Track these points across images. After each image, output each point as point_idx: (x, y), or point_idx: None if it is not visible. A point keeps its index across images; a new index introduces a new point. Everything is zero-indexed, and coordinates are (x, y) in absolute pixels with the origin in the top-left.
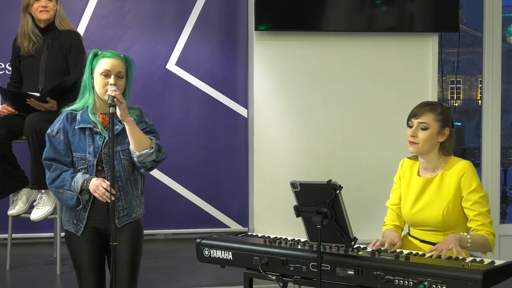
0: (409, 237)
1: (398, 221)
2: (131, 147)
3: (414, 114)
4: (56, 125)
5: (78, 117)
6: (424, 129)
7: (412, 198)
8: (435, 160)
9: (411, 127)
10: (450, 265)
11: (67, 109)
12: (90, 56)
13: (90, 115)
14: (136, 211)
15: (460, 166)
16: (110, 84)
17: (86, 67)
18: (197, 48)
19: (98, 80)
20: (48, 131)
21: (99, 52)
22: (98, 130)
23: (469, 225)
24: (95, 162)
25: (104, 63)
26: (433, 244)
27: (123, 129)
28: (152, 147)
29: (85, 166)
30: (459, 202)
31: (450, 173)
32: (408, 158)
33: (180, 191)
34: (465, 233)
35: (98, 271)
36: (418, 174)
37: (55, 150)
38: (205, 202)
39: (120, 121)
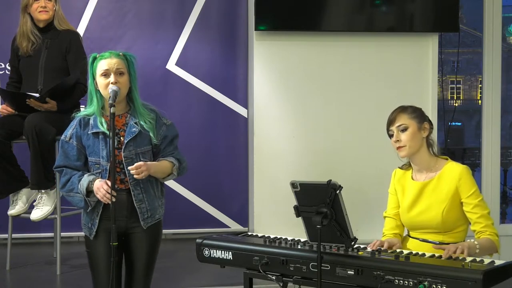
0: (409, 238)
1: (397, 229)
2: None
3: (389, 122)
4: (69, 130)
5: (91, 121)
6: (404, 130)
7: (409, 202)
8: (427, 159)
9: (391, 136)
10: (450, 265)
11: (80, 114)
12: (90, 61)
13: (98, 123)
14: (158, 212)
15: (458, 171)
16: (111, 83)
17: (89, 73)
18: (197, 48)
19: (100, 82)
20: (62, 137)
21: (98, 55)
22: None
23: (472, 228)
24: (108, 167)
25: (102, 64)
26: (433, 242)
27: (140, 131)
28: (174, 174)
29: (100, 170)
30: (457, 204)
31: (447, 176)
32: (399, 167)
33: (180, 191)
34: (473, 240)
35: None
36: (413, 179)
37: (66, 157)
38: (205, 202)
39: (136, 123)
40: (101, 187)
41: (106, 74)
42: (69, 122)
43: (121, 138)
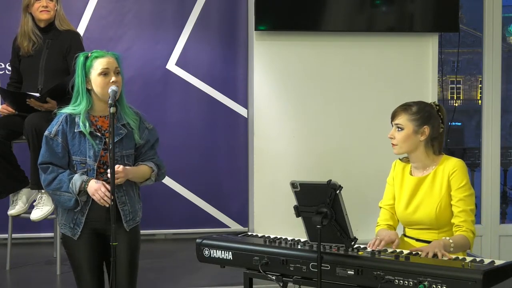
0: (405, 238)
1: (391, 220)
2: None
3: (391, 116)
4: (55, 127)
5: (77, 120)
6: (400, 129)
7: (405, 198)
8: (424, 159)
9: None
10: (450, 265)
11: (65, 111)
12: (81, 60)
13: (80, 123)
14: (138, 214)
15: (451, 164)
16: (111, 82)
17: (78, 71)
18: (197, 48)
19: (97, 81)
20: (46, 133)
21: (89, 54)
22: (99, 134)
23: (452, 220)
24: (95, 166)
25: (100, 63)
26: (429, 242)
27: (127, 134)
28: (152, 180)
29: (85, 170)
30: (450, 199)
31: (441, 171)
32: (400, 159)
33: (180, 191)
34: (448, 238)
35: (97, 273)
36: (411, 174)
37: (52, 153)
38: (205, 202)
39: (123, 125)
40: (99, 189)
41: (106, 73)
42: None
43: (107, 139)
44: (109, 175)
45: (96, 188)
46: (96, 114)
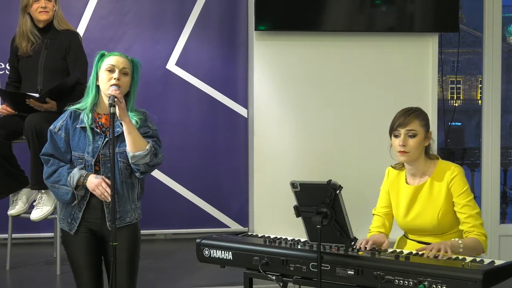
0: (407, 239)
1: (383, 228)
2: (127, 147)
3: (400, 123)
4: (60, 122)
5: (81, 116)
6: (413, 136)
7: (404, 206)
8: (423, 165)
9: (396, 136)
10: (450, 265)
11: (72, 107)
12: (97, 57)
13: (84, 116)
14: (130, 215)
15: (449, 171)
16: (114, 79)
17: (93, 68)
18: (197, 48)
19: (103, 76)
20: (51, 127)
21: (106, 53)
22: (99, 131)
23: (461, 227)
24: (93, 162)
25: (109, 60)
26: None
27: (123, 132)
28: (147, 150)
29: (83, 165)
30: (451, 205)
31: (439, 177)
32: (392, 167)
33: (180, 191)
34: (457, 239)
35: (95, 271)
36: (406, 182)
37: (55, 146)
38: (205, 202)
39: (121, 123)
40: (100, 185)
41: (111, 70)
42: None
43: (107, 137)
44: (101, 171)
45: (97, 184)
46: (100, 111)
